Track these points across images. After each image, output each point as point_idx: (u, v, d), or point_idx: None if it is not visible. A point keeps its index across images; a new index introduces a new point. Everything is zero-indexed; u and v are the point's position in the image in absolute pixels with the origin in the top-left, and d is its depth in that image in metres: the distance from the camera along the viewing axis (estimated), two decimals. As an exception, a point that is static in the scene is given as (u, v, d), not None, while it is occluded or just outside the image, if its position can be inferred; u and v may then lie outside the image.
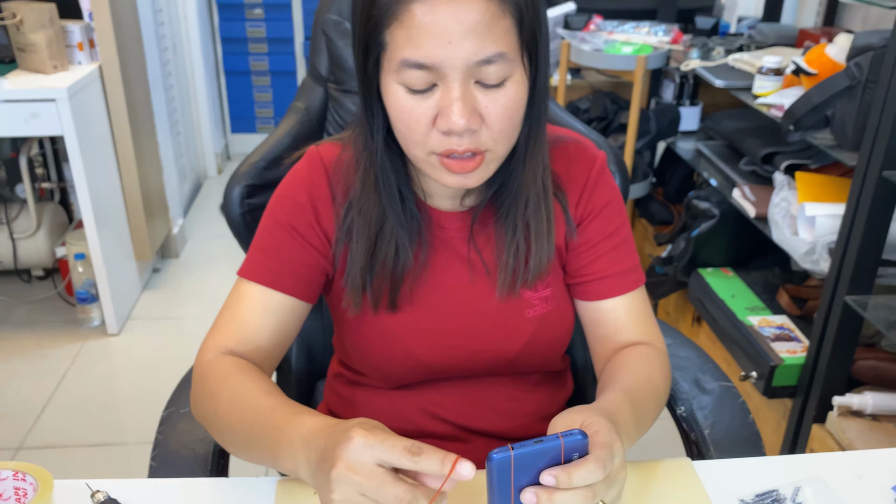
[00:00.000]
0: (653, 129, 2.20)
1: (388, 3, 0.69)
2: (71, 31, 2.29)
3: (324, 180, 0.86)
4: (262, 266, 0.85)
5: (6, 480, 0.74)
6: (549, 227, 0.86)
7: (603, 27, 2.30)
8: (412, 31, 0.69)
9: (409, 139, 0.75)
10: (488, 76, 0.71)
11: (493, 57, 0.70)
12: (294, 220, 0.86)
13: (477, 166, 0.76)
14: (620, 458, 0.65)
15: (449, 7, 0.68)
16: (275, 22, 3.75)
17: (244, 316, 0.85)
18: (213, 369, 0.81)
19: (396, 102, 0.74)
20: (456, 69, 0.70)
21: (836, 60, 1.61)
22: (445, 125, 0.72)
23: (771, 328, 1.78)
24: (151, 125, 2.79)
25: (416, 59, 0.69)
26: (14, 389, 2.23)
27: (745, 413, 1.00)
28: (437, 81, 0.71)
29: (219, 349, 0.84)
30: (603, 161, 0.91)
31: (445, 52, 0.69)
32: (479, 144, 0.74)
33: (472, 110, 0.72)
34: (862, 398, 1.56)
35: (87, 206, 2.28)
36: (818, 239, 1.60)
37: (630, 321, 0.90)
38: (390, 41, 0.71)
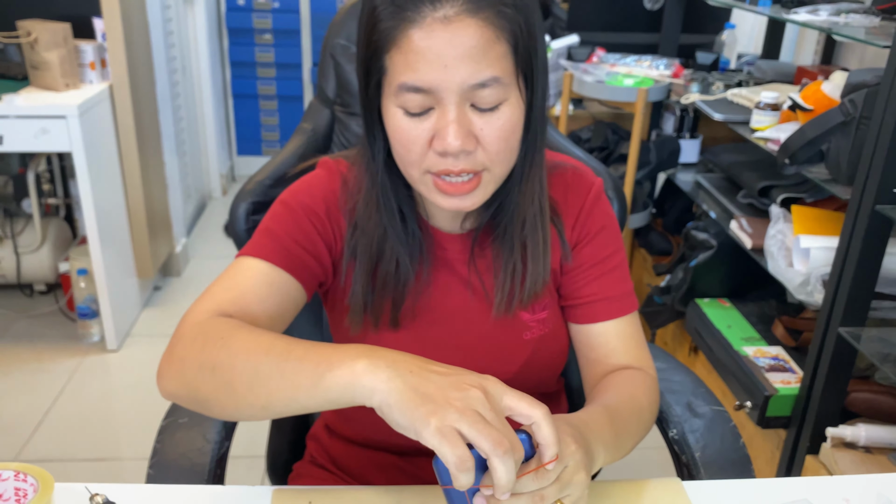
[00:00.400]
0: (653, 160, 2.24)
1: (387, 28, 0.72)
2: (84, 50, 2.33)
3: (342, 188, 0.88)
4: (267, 246, 0.83)
5: (7, 481, 0.75)
6: (545, 248, 0.88)
7: (605, 60, 2.35)
8: (409, 56, 0.72)
9: (406, 159, 0.78)
10: (483, 100, 0.73)
11: (488, 81, 0.72)
12: (305, 205, 0.86)
13: (474, 188, 0.77)
14: (575, 462, 0.66)
15: (445, 32, 0.70)
16: (284, 48, 3.81)
17: (244, 285, 0.80)
18: (218, 323, 0.74)
19: (395, 124, 0.76)
20: (451, 92, 0.72)
21: (831, 97, 1.65)
22: (441, 146, 0.74)
23: (766, 359, 1.80)
24: (158, 145, 2.83)
25: (413, 82, 0.72)
26: (11, 403, 2.24)
27: (735, 437, 1.02)
28: (434, 105, 0.74)
29: (213, 311, 0.76)
30: (599, 187, 0.93)
31: (441, 75, 0.71)
32: (474, 165, 0.76)
33: (467, 132, 0.74)
34: (855, 430, 1.57)
35: (91, 222, 2.31)
36: (812, 271, 1.62)
37: (621, 346, 0.92)
38: (390, 66, 0.74)
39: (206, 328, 0.73)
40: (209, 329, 0.73)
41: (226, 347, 0.69)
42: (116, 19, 2.33)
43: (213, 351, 0.70)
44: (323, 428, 1.06)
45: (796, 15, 1.79)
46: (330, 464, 1.02)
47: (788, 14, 1.82)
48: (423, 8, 0.71)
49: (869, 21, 1.71)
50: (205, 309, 0.77)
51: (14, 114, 2.14)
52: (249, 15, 3.74)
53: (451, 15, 0.70)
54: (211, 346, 0.71)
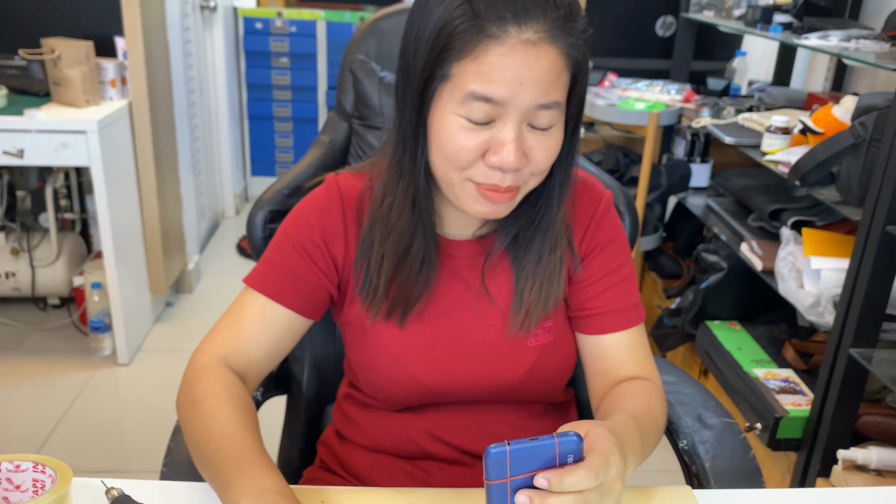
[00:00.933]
0: (664, 183, 2.25)
1: (465, 40, 0.74)
2: (105, 68, 2.38)
3: (337, 206, 0.91)
4: (267, 278, 0.89)
5: (26, 472, 0.76)
6: (561, 265, 0.90)
7: (617, 84, 2.38)
8: (484, 67, 0.74)
9: (452, 164, 0.79)
10: (541, 120, 0.77)
11: (552, 104, 0.76)
12: (303, 240, 0.90)
13: (510, 199, 0.81)
14: (616, 470, 0.66)
15: (525, 54, 0.73)
16: (300, 71, 3.87)
17: (243, 324, 0.89)
18: (203, 376, 0.85)
19: (450, 130, 0.78)
20: (518, 109, 0.75)
21: (841, 120, 1.66)
22: (498, 162, 0.77)
23: (776, 381, 1.79)
24: (174, 163, 2.88)
25: (486, 92, 0.74)
26: (22, 415, 2.25)
27: (745, 448, 1.02)
28: (497, 118, 0.76)
29: (213, 356, 0.87)
30: (609, 200, 0.95)
31: (515, 91, 0.74)
32: (518, 181, 0.80)
33: (522, 151, 0.77)
34: (867, 453, 1.56)
35: (107, 237, 2.34)
36: (823, 292, 1.62)
37: (629, 357, 0.93)
38: (458, 73, 0.75)
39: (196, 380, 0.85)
40: (197, 382, 0.85)
41: (192, 414, 0.83)
42: (138, 39, 2.38)
43: (188, 411, 0.84)
44: (333, 434, 1.07)
45: (807, 40, 1.82)
46: (340, 468, 1.03)
47: (799, 39, 1.85)
48: (508, 26, 0.73)
49: (879, 47, 1.73)
50: (207, 349, 0.88)
51: (35, 128, 2.18)
52: (267, 38, 3.81)
53: (534, 40, 0.73)
54: (189, 405, 0.84)
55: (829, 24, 1.90)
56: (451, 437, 0.96)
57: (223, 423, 0.79)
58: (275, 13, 3.79)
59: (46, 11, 2.50)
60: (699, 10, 2.45)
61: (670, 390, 1.11)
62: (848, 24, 1.95)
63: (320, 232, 0.90)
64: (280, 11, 3.79)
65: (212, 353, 0.88)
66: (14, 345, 2.62)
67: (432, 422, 0.96)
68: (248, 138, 4.05)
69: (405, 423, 0.96)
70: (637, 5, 2.59)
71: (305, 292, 0.90)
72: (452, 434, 0.96)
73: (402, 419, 0.97)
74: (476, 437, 0.96)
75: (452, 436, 0.96)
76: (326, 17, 3.79)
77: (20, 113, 2.18)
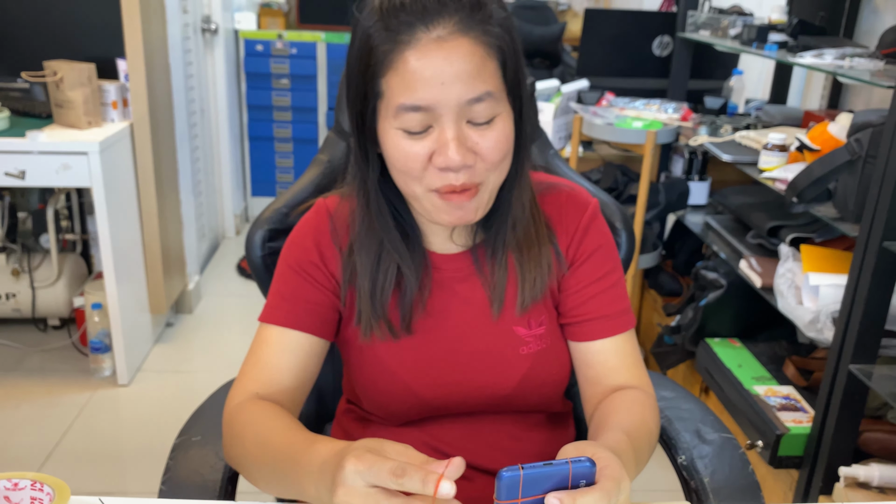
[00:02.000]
0: (662, 201, 2.26)
1: (383, 53, 0.77)
2: (107, 90, 2.40)
3: (328, 227, 0.93)
4: (279, 309, 0.91)
5: (24, 490, 0.76)
6: (540, 252, 0.91)
7: (615, 103, 2.40)
8: (407, 77, 0.76)
9: (408, 177, 0.81)
10: (478, 114, 0.78)
11: (482, 96, 0.77)
12: (303, 263, 0.92)
13: (472, 197, 0.81)
14: (626, 497, 0.66)
15: (440, 52, 0.75)
16: (300, 92, 3.90)
17: (267, 359, 0.90)
18: (239, 413, 0.85)
19: (394, 144, 0.80)
20: (449, 109, 0.76)
21: (837, 137, 1.67)
22: (443, 162, 0.78)
23: (777, 398, 1.79)
24: (175, 184, 2.89)
25: (413, 102, 0.76)
26: (22, 436, 2.24)
27: (744, 463, 1.01)
28: (433, 123, 0.78)
29: (245, 394, 0.88)
30: (595, 207, 0.96)
31: (439, 93, 0.75)
32: (474, 178, 0.80)
33: (466, 148, 0.78)
34: (868, 470, 1.55)
35: (108, 257, 2.34)
36: (822, 308, 1.62)
37: (619, 364, 0.93)
38: (386, 89, 0.78)
39: (234, 420, 0.86)
40: (234, 421, 0.85)
41: (241, 447, 0.83)
42: (139, 61, 2.41)
43: (237, 447, 0.84)
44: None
45: (802, 59, 1.83)
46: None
47: (794, 58, 1.87)
48: (416, 30, 0.75)
49: (873, 65, 1.75)
50: (237, 392, 0.89)
51: (37, 149, 2.20)
52: (267, 60, 3.84)
53: (444, 35, 0.75)
54: (235, 442, 0.84)
55: (824, 42, 1.92)
56: (451, 449, 0.96)
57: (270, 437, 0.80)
58: (275, 35, 3.83)
59: (49, 34, 2.53)
60: (695, 30, 2.47)
61: (668, 406, 1.11)
62: (842, 42, 1.97)
63: (317, 253, 0.92)
64: (280, 33, 3.83)
65: (243, 393, 0.88)
66: (14, 366, 2.62)
67: (433, 434, 0.96)
68: (248, 159, 4.07)
69: (406, 436, 0.96)
70: (634, 26, 2.61)
71: (318, 313, 0.91)
72: (453, 446, 0.96)
73: (402, 433, 0.97)
74: (477, 449, 0.96)
75: (453, 448, 0.96)
76: (326, 38, 3.83)
77: (22, 135, 2.20)
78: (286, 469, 0.75)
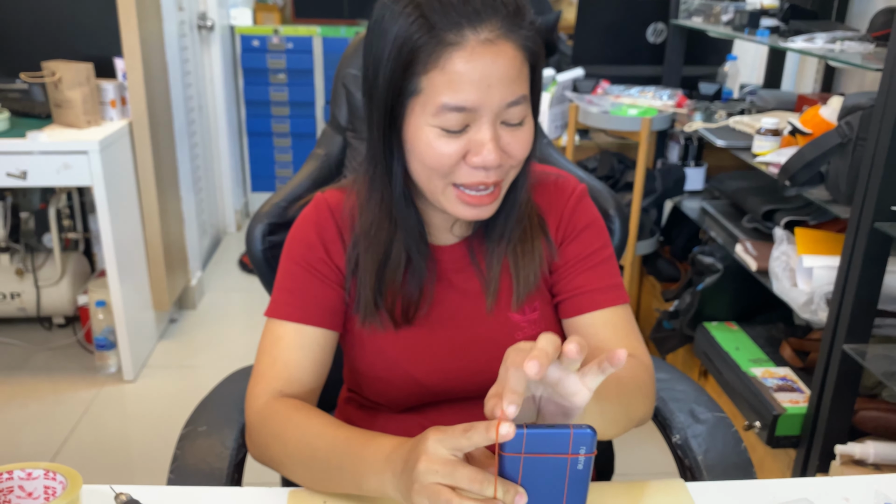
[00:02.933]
0: (658, 188, 2.28)
1: (428, 51, 0.77)
2: (105, 89, 2.42)
3: (330, 221, 0.94)
4: (288, 305, 0.92)
5: (37, 479, 0.79)
6: (533, 246, 0.94)
7: (610, 91, 2.41)
8: (452, 77, 0.77)
9: (435, 172, 0.83)
10: (513, 116, 0.81)
11: (520, 99, 0.80)
12: (308, 258, 0.93)
13: (495, 199, 0.85)
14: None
15: (486, 56, 0.77)
16: (297, 87, 3.91)
17: (284, 356, 0.90)
18: (272, 412, 0.86)
19: (428, 142, 0.81)
20: (490, 111, 0.79)
21: (829, 120, 1.69)
22: (480, 162, 0.80)
23: (774, 379, 1.81)
24: (175, 181, 2.91)
25: (457, 102, 0.78)
26: (30, 433, 2.28)
27: (737, 441, 1.04)
28: (470, 122, 0.80)
29: (268, 393, 0.89)
30: (582, 191, 0.99)
31: (484, 95, 0.78)
32: (502, 176, 0.84)
33: (500, 148, 0.81)
34: (864, 447, 1.57)
35: (110, 255, 2.37)
36: (816, 289, 1.64)
37: (611, 335, 0.94)
38: (427, 86, 0.78)
39: (266, 419, 0.86)
40: (268, 420, 0.86)
41: (282, 446, 0.84)
42: (137, 59, 2.43)
43: (275, 447, 0.85)
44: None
45: (793, 43, 1.85)
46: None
47: (786, 42, 1.88)
48: (464, 31, 0.77)
49: (864, 48, 1.76)
50: (259, 392, 0.89)
51: (38, 150, 2.22)
52: (264, 55, 3.86)
53: (492, 38, 0.77)
54: (272, 441, 0.85)
55: (815, 26, 1.94)
56: None
57: (317, 434, 0.81)
58: (271, 30, 3.84)
59: (47, 35, 2.54)
60: (688, 17, 2.49)
61: (663, 387, 1.14)
62: (834, 26, 1.98)
63: (322, 247, 0.93)
64: (276, 28, 3.84)
65: (267, 393, 0.89)
66: (21, 364, 2.65)
67: (433, 420, 0.98)
68: (247, 154, 4.09)
69: (407, 422, 0.99)
70: (628, 13, 2.62)
71: (327, 306, 0.93)
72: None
73: (403, 419, 0.99)
74: None
75: None
76: (322, 32, 3.84)
77: (22, 135, 2.22)
78: (342, 464, 0.76)
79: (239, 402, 1.05)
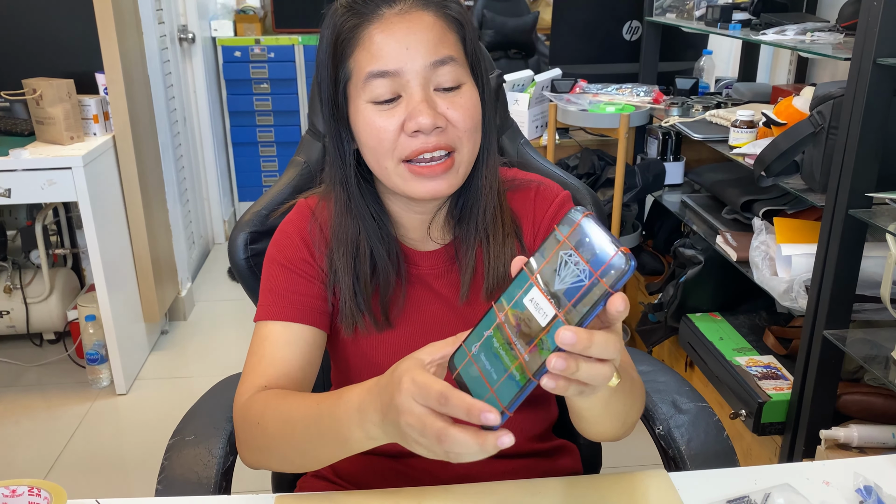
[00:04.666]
0: (639, 183, 2.31)
1: (348, 31, 0.83)
2: (87, 104, 2.43)
3: (313, 224, 0.95)
4: (274, 305, 0.92)
5: (21, 497, 0.79)
6: (504, 240, 0.93)
7: (588, 90, 2.44)
8: (373, 48, 0.82)
9: (379, 151, 0.84)
10: (444, 78, 0.82)
11: (446, 59, 0.82)
12: (292, 258, 0.94)
13: (448, 168, 0.84)
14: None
15: (402, 23, 0.81)
16: (280, 96, 3.93)
17: (270, 354, 0.90)
18: (251, 405, 0.85)
19: (365, 119, 0.83)
20: (416, 72, 0.81)
21: (802, 111, 1.72)
22: (414, 125, 0.81)
23: (758, 367, 1.84)
24: (162, 193, 2.92)
25: (379, 67, 0.81)
26: (24, 450, 2.28)
27: (719, 430, 1.06)
28: (401, 91, 0.82)
29: (253, 390, 0.87)
30: (565, 198, 0.98)
31: (404, 56, 0.81)
32: (448, 141, 0.83)
33: (436, 111, 0.82)
34: (848, 431, 1.60)
35: (98, 269, 2.37)
36: (795, 277, 1.67)
37: None
38: (355, 66, 0.83)
39: (244, 414, 0.85)
40: (246, 414, 0.85)
41: (262, 433, 0.82)
42: (118, 74, 2.43)
43: (257, 436, 0.83)
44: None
45: (765, 36, 1.88)
46: (332, 474, 1.07)
47: (758, 35, 1.91)
48: (380, 7, 0.82)
49: (834, 38, 1.79)
50: (244, 389, 0.88)
51: (21, 167, 2.23)
52: (246, 66, 3.87)
53: (406, 9, 0.82)
54: (255, 431, 0.83)
55: (786, 18, 1.96)
56: None
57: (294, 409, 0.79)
58: (252, 41, 3.85)
59: (27, 52, 2.55)
60: (662, 14, 2.51)
61: (646, 379, 1.15)
62: (804, 17, 2.01)
63: (306, 249, 0.94)
64: (258, 39, 3.85)
65: (251, 390, 0.87)
66: (12, 381, 2.65)
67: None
68: (233, 165, 4.09)
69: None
70: (604, 12, 2.65)
71: (314, 305, 0.92)
72: None
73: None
74: None
75: None
76: (303, 41, 3.86)
77: (5, 153, 2.22)
78: (321, 428, 0.74)
79: (226, 409, 1.06)
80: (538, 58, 3.04)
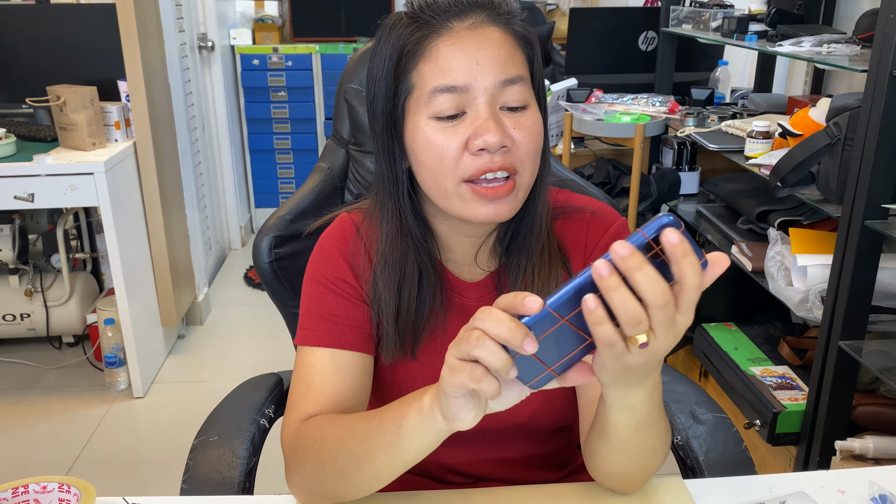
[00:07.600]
0: (654, 192, 2.32)
1: (414, 43, 0.79)
2: (109, 111, 2.47)
3: (358, 243, 0.90)
4: (319, 330, 0.87)
5: (52, 493, 0.81)
6: (550, 273, 0.89)
7: (603, 99, 2.45)
8: (440, 62, 0.78)
9: (440, 170, 0.79)
10: (512, 98, 0.79)
11: (515, 78, 0.79)
12: (335, 281, 0.89)
13: (510, 191, 0.80)
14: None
15: (473, 37, 0.78)
16: (297, 104, 3.97)
17: (320, 382, 0.85)
18: (306, 429, 0.81)
19: (427, 136, 0.79)
20: (484, 89, 0.77)
21: (818, 122, 1.72)
22: (481, 143, 0.77)
23: (773, 377, 1.84)
24: (180, 199, 2.95)
25: (447, 82, 0.77)
26: (43, 452, 2.31)
27: (738, 441, 1.06)
28: (466, 108, 0.78)
29: (302, 419, 0.83)
30: (621, 225, 0.94)
31: (474, 72, 0.77)
32: (512, 162, 0.79)
33: (503, 129, 0.78)
34: (863, 442, 1.60)
35: (118, 273, 2.41)
36: (811, 287, 1.67)
37: None
38: (418, 79, 0.79)
39: (300, 438, 0.81)
40: (302, 438, 0.81)
41: (324, 447, 0.78)
42: (139, 81, 2.47)
43: (314, 455, 0.78)
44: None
45: (781, 47, 1.89)
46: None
47: (774, 47, 1.92)
48: (449, 19, 0.79)
49: (850, 50, 1.80)
50: (293, 420, 0.84)
51: (45, 172, 2.26)
52: (264, 74, 3.91)
53: (477, 23, 0.79)
54: (311, 451, 0.79)
55: (803, 30, 1.97)
56: (463, 467, 0.98)
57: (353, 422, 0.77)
58: (270, 49, 3.89)
59: (51, 60, 2.59)
60: (678, 24, 2.53)
61: (664, 389, 1.16)
62: (821, 29, 2.02)
63: (350, 269, 0.89)
64: (276, 47, 3.90)
65: (300, 419, 0.84)
66: (31, 384, 2.68)
67: (446, 454, 0.92)
68: (250, 171, 4.14)
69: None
70: (619, 22, 2.67)
71: (360, 329, 0.88)
72: (465, 464, 0.97)
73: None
74: (488, 465, 0.98)
75: (465, 466, 0.98)
76: (321, 50, 3.90)
77: (29, 159, 2.26)
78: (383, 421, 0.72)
79: (249, 411, 1.08)
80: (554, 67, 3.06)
